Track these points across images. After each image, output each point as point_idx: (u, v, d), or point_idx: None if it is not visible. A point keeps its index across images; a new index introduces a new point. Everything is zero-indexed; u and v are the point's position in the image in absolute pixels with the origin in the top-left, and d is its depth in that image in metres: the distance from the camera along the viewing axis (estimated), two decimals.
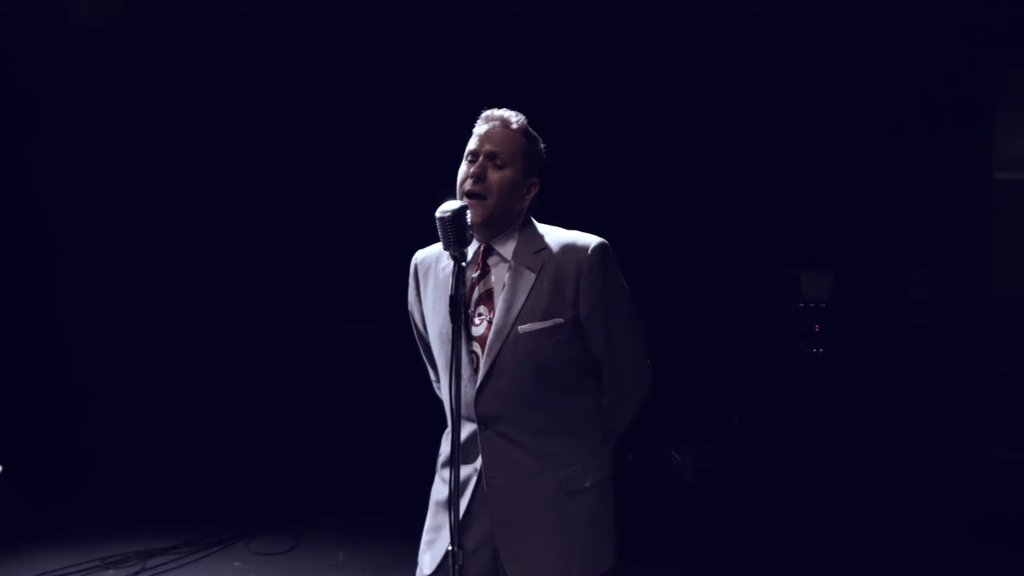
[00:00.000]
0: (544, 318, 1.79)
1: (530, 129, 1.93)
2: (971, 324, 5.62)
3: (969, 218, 5.66)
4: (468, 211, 1.74)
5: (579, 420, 1.88)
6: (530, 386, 1.81)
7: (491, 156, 1.84)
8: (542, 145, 1.95)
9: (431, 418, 2.41)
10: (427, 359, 2.11)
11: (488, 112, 1.93)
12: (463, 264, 1.73)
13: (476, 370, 1.82)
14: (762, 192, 5.55)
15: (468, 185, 1.83)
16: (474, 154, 1.86)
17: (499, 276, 1.87)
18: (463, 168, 1.89)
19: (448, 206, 1.70)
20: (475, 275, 1.88)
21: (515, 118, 1.92)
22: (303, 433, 5.32)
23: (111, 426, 5.30)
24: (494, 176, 1.82)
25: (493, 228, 1.87)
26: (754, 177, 5.54)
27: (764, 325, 5.64)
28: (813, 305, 5.61)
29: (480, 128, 1.90)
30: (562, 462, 1.85)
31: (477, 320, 1.84)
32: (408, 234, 2.33)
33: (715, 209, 5.52)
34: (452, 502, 1.69)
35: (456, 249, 1.70)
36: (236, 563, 3.94)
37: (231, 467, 4.99)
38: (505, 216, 1.88)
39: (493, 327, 1.82)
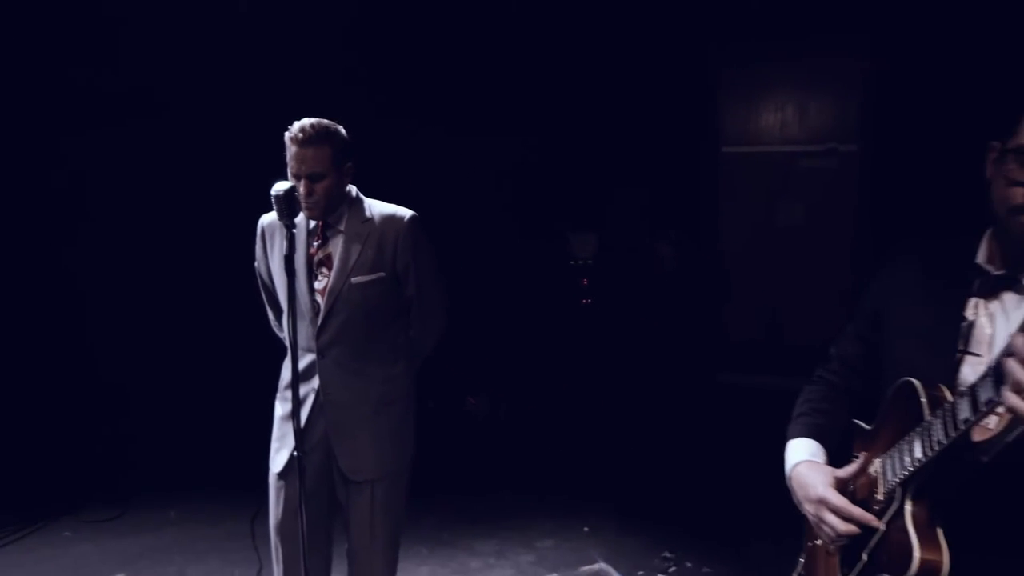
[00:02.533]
0: (371, 272, 2.34)
1: (330, 129, 2.29)
2: (707, 273, 6.14)
3: (703, 185, 6.20)
4: (296, 191, 2.14)
5: (393, 349, 2.49)
6: (358, 324, 2.36)
7: (311, 177, 2.28)
8: (343, 133, 2.33)
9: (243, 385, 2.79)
10: (269, 303, 2.61)
11: (294, 133, 2.24)
12: (294, 231, 2.14)
13: (317, 313, 2.34)
14: (539, 165, 5.81)
15: (303, 199, 2.23)
16: (296, 176, 2.26)
17: (335, 243, 2.37)
18: (292, 180, 2.24)
19: (280, 186, 2.08)
20: (317, 244, 2.38)
21: (316, 131, 2.25)
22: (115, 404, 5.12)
23: None
24: (319, 187, 2.29)
25: (328, 212, 2.36)
26: (535, 154, 5.77)
27: (541, 281, 5.90)
28: (581, 262, 6.00)
29: (293, 150, 2.25)
30: (380, 380, 2.45)
31: (320, 277, 2.35)
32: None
33: (501, 181, 5.70)
34: (294, 413, 2.20)
35: (288, 220, 2.12)
36: (67, 533, 3.98)
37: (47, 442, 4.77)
38: (334, 202, 2.36)
39: (331, 281, 2.34)
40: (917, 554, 1.21)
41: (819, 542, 1.54)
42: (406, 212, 2.46)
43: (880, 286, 1.59)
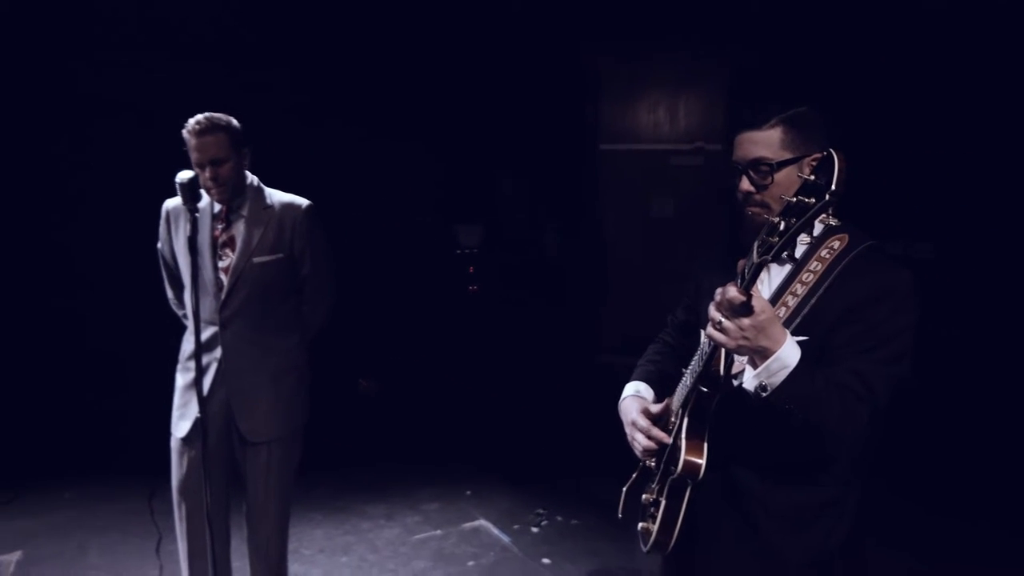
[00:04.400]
0: (271, 253, 2.61)
1: (222, 119, 2.54)
2: (588, 261, 6.47)
3: (583, 179, 6.49)
4: (198, 179, 2.41)
5: (288, 322, 2.76)
6: (258, 299, 2.63)
7: (212, 162, 2.55)
8: (236, 124, 2.59)
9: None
10: (169, 282, 2.84)
11: (191, 127, 2.51)
12: (197, 215, 2.37)
13: (221, 289, 2.59)
14: (429, 159, 5.98)
15: (209, 184, 2.50)
16: (200, 165, 2.53)
17: (238, 227, 2.63)
18: (196, 171, 2.48)
19: (183, 175, 2.33)
20: (221, 226, 2.63)
21: (210, 122, 2.52)
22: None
23: None
24: (222, 170, 2.55)
25: (233, 196, 2.62)
26: (425, 148, 5.91)
27: (430, 270, 6.14)
28: (467, 251, 6.26)
29: (193, 142, 2.51)
30: (277, 351, 2.72)
31: (224, 256, 2.60)
32: None
33: (392, 174, 5.86)
34: (197, 382, 2.45)
35: (191, 204, 2.36)
36: None
37: None
38: (236, 187, 2.62)
39: (235, 260, 2.59)
40: (683, 457, 1.61)
41: (644, 462, 1.94)
42: (303, 201, 2.76)
43: (699, 264, 2.01)
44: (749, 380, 1.49)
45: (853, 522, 1.67)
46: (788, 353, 1.44)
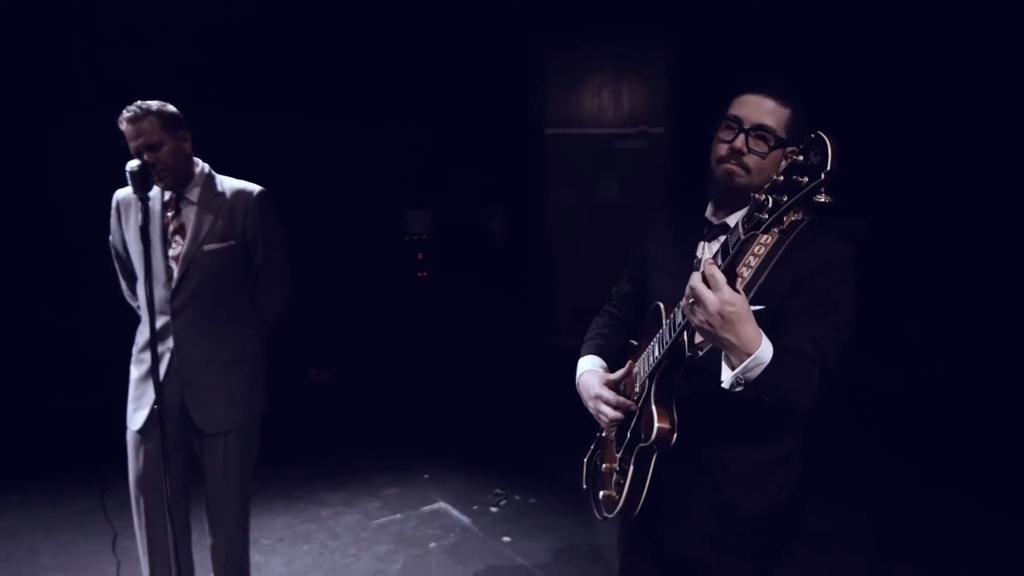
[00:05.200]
0: (222, 240, 2.57)
1: (152, 105, 2.50)
2: (535, 244, 6.56)
3: (530, 164, 6.54)
4: (148, 168, 2.38)
5: (242, 312, 2.73)
6: (210, 288, 2.59)
7: (147, 147, 2.50)
8: (169, 108, 2.54)
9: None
10: (122, 274, 2.79)
11: (123, 115, 2.47)
12: (148, 203, 2.36)
13: (171, 278, 2.55)
14: (376, 146, 5.96)
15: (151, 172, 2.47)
16: (136, 150, 2.48)
17: (187, 214, 2.58)
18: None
19: (133, 163, 2.31)
20: (170, 214, 2.59)
21: (140, 108, 2.48)
22: None
23: None
24: (160, 155, 2.50)
25: (178, 183, 2.58)
26: (372, 135, 5.91)
27: (379, 256, 6.12)
28: (416, 238, 6.25)
29: (126, 129, 2.48)
30: (230, 341, 2.69)
31: (174, 244, 2.56)
32: None
33: (340, 161, 5.82)
34: (153, 372, 2.42)
35: (142, 193, 2.35)
36: None
37: None
38: (181, 171, 2.58)
39: (185, 248, 2.55)
40: (655, 424, 1.67)
41: (603, 433, 2.00)
42: (256, 187, 2.73)
43: (645, 237, 2.06)
44: (727, 378, 1.54)
45: (799, 476, 1.78)
46: (764, 352, 1.50)
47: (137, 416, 2.68)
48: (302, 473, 4.41)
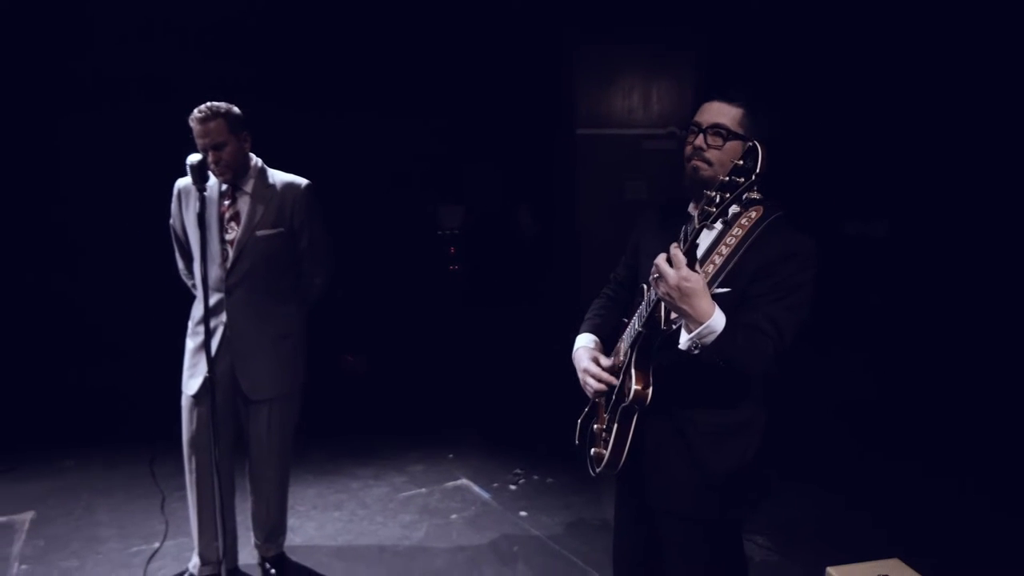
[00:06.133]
0: (272, 227, 2.88)
1: (220, 107, 2.81)
2: (561, 241, 6.73)
3: (560, 162, 6.70)
4: (206, 161, 2.69)
5: (287, 292, 3.03)
6: (260, 269, 2.90)
7: (213, 147, 2.82)
8: (235, 111, 2.86)
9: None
10: (180, 255, 3.10)
11: (193, 115, 2.79)
12: (206, 194, 2.65)
13: (226, 260, 2.86)
14: (413, 143, 6.14)
15: (212, 167, 2.77)
16: (204, 149, 2.80)
17: (243, 203, 2.89)
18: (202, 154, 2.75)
19: (193, 158, 2.61)
20: (227, 203, 2.90)
21: (211, 110, 2.79)
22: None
23: None
24: (224, 154, 2.82)
25: (235, 176, 2.88)
26: (409, 132, 6.09)
27: (413, 250, 6.34)
28: (448, 232, 6.47)
29: (196, 129, 2.79)
30: (276, 316, 2.99)
31: (230, 230, 2.86)
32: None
33: (378, 158, 6.07)
34: (207, 344, 2.73)
35: (200, 185, 2.63)
36: None
37: None
38: (240, 167, 2.88)
39: (239, 233, 2.86)
40: (632, 387, 1.92)
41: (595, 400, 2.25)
42: (303, 180, 3.04)
43: (638, 228, 2.31)
44: (684, 341, 1.81)
45: (761, 441, 2.03)
46: (716, 322, 1.76)
47: (192, 383, 2.99)
48: (335, 449, 4.71)
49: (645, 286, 1.99)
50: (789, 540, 3.63)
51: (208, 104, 2.82)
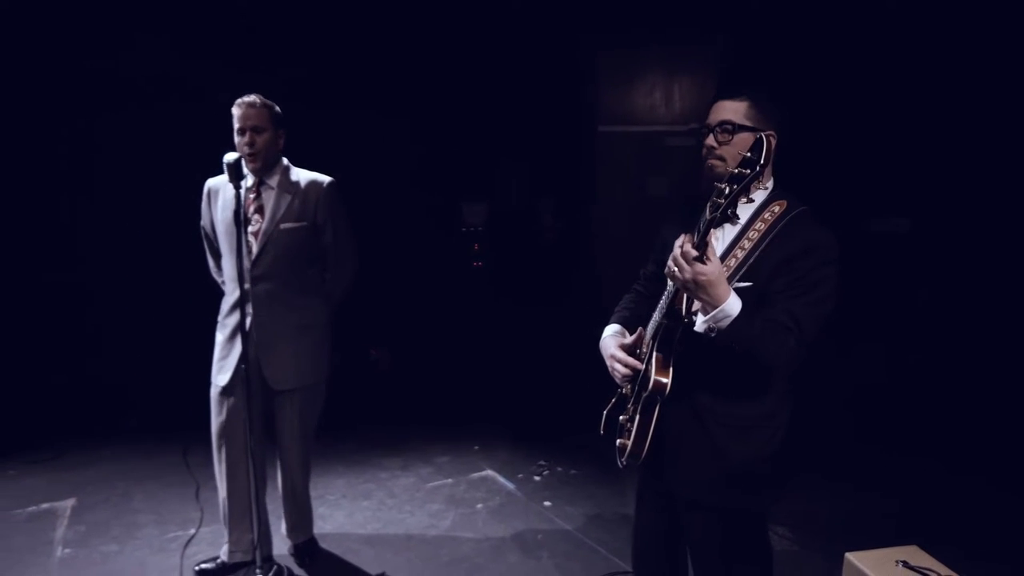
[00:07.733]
0: (296, 221, 2.96)
1: (267, 101, 2.95)
2: (583, 238, 6.76)
3: (582, 160, 6.73)
4: (243, 160, 2.80)
5: (312, 285, 3.11)
6: (284, 262, 2.98)
7: (253, 129, 2.92)
8: (277, 108, 2.99)
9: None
10: (210, 252, 3.19)
11: (240, 100, 2.91)
12: (239, 190, 2.75)
13: (250, 251, 2.94)
14: (437, 141, 6.24)
15: (245, 149, 2.88)
16: (241, 130, 2.91)
17: (268, 197, 2.97)
18: (238, 139, 2.89)
19: (230, 156, 2.70)
20: (253, 196, 2.98)
21: (257, 99, 2.93)
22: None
23: None
24: (260, 139, 2.91)
25: (263, 169, 2.97)
26: (435, 131, 6.18)
27: (438, 246, 6.40)
28: (472, 229, 6.54)
29: (238, 111, 2.90)
30: (300, 308, 3.06)
31: (254, 222, 2.95)
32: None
33: (403, 156, 6.15)
34: (241, 332, 2.82)
35: (235, 182, 2.73)
36: (11, 471, 4.36)
37: None
38: (269, 160, 2.97)
39: (264, 225, 2.94)
40: (653, 377, 1.98)
41: (622, 389, 2.31)
42: (327, 177, 3.12)
43: (665, 226, 2.37)
44: (700, 324, 1.87)
45: (785, 434, 2.06)
46: (731, 305, 1.82)
47: (221, 375, 3.08)
48: (364, 441, 4.81)
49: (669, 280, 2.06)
50: (810, 530, 3.68)
51: (256, 95, 2.93)
